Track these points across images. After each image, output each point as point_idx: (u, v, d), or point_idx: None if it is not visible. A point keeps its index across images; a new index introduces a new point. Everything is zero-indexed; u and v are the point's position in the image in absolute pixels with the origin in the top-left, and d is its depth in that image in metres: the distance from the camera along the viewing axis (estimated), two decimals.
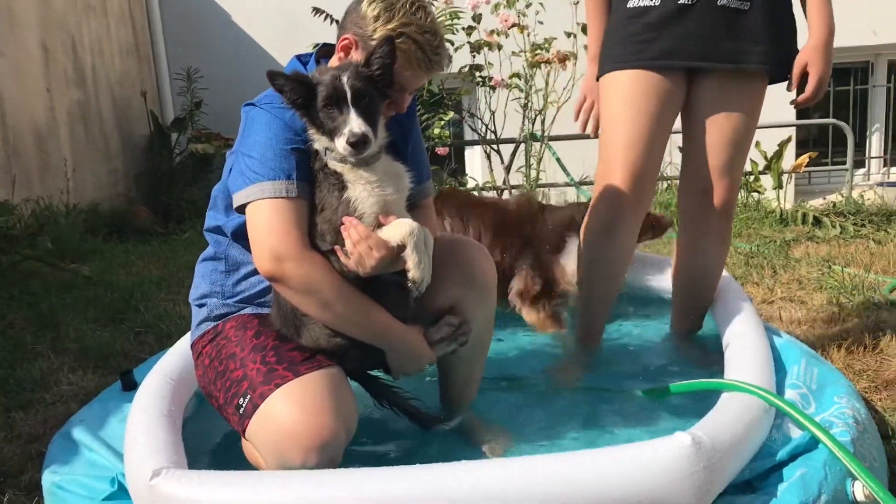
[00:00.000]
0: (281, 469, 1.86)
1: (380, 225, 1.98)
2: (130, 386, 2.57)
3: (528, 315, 3.31)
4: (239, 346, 2.06)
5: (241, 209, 2.02)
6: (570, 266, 3.20)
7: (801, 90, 2.55)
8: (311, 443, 1.83)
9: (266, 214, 1.96)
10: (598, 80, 2.73)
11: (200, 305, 2.23)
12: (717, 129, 2.61)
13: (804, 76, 2.52)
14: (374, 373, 2.26)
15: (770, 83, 2.64)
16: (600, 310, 2.88)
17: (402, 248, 1.95)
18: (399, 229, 1.95)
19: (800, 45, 2.57)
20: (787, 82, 2.59)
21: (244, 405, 1.94)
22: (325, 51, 2.23)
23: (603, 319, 2.91)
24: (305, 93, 1.93)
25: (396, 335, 2.08)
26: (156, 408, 2.13)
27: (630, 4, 2.59)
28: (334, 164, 1.99)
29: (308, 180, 2.01)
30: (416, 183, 2.15)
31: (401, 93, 2.09)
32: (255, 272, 2.15)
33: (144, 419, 2.07)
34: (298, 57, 2.24)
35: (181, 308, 3.98)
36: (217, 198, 2.22)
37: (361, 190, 1.97)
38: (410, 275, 1.96)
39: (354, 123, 1.89)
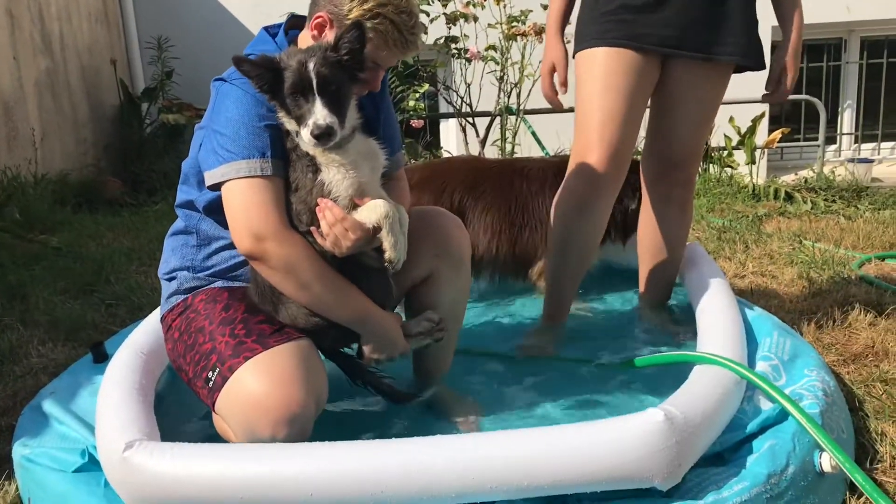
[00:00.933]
0: (251, 442, 1.86)
1: (355, 206, 1.97)
2: (101, 358, 2.55)
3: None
4: (208, 319, 2.05)
5: (215, 187, 1.99)
6: None
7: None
8: (280, 415, 1.82)
9: (243, 194, 1.94)
10: (573, 56, 2.73)
11: (170, 279, 2.21)
12: (684, 108, 2.68)
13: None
14: (347, 350, 2.26)
15: (736, 72, 2.70)
16: (569, 287, 2.89)
17: (377, 229, 1.95)
18: (374, 211, 1.94)
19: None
20: (764, 78, 2.70)
21: (213, 378, 1.93)
22: (293, 22, 2.20)
23: (572, 296, 2.93)
24: (273, 77, 1.89)
25: (373, 320, 2.08)
26: (127, 381, 2.11)
27: None
28: (306, 147, 1.96)
29: (282, 157, 1.99)
30: (388, 155, 2.14)
31: (374, 71, 2.07)
32: (226, 247, 2.15)
33: (116, 392, 2.05)
34: (266, 29, 2.20)
35: (153, 280, 3.94)
36: (188, 173, 2.19)
37: (335, 173, 1.95)
38: (387, 255, 1.97)
39: (319, 114, 1.86)
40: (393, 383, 2.29)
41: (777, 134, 6.73)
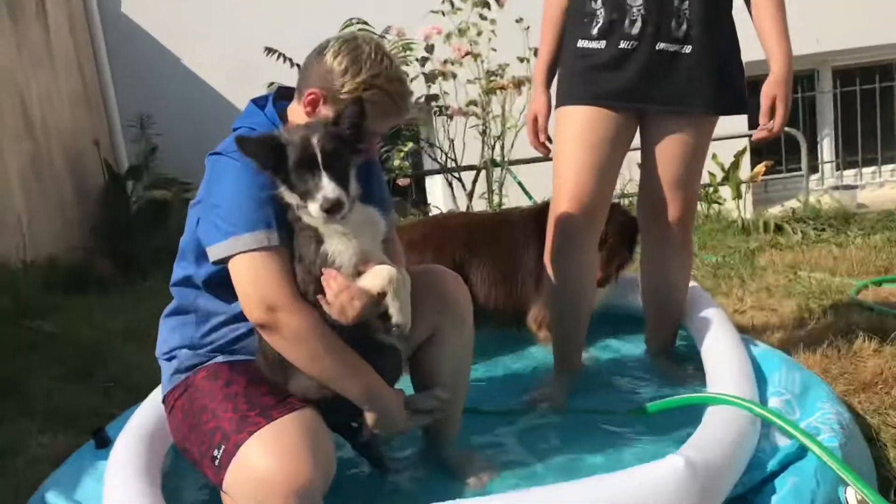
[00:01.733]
0: None
1: (359, 273, 1.96)
2: (104, 443, 2.48)
3: (544, 337, 3.38)
4: (209, 396, 2.01)
5: (220, 261, 1.97)
6: None
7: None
8: (288, 490, 1.77)
9: (251, 267, 1.93)
10: (556, 108, 2.79)
11: (169, 359, 2.18)
12: (666, 155, 2.71)
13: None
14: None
15: (721, 114, 2.71)
16: (573, 333, 2.90)
17: (382, 294, 1.94)
18: (378, 278, 1.94)
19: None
20: (733, 126, 2.69)
21: (219, 457, 1.89)
22: (282, 93, 2.21)
23: (578, 342, 2.92)
24: (276, 156, 1.89)
25: (380, 397, 2.05)
26: (132, 465, 2.06)
27: (579, 45, 2.66)
28: (308, 219, 1.95)
29: (285, 226, 1.98)
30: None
31: (371, 140, 2.09)
32: (226, 322, 2.12)
33: (121, 478, 2.01)
34: (255, 101, 2.20)
35: (150, 359, 3.82)
36: (185, 249, 2.16)
37: (338, 243, 1.95)
38: (394, 320, 1.96)
39: (328, 189, 1.86)
40: (385, 457, 2.26)
41: (761, 167, 6.79)
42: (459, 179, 6.53)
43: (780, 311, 3.77)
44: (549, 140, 2.86)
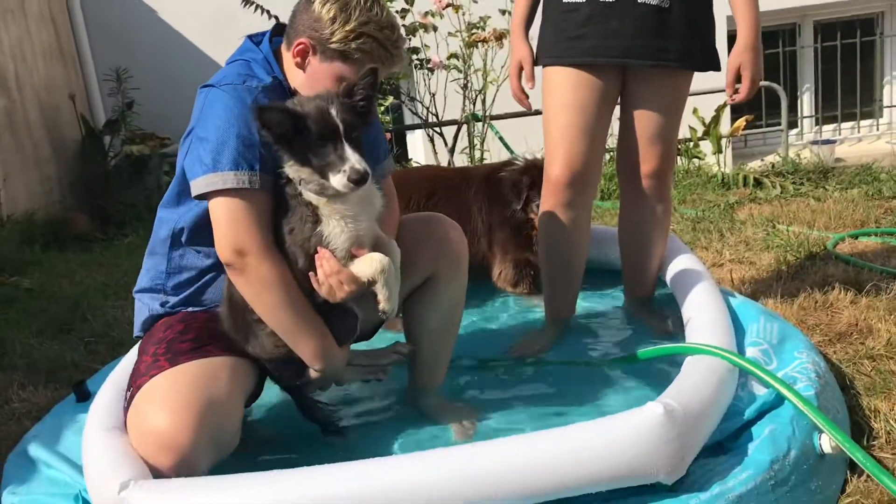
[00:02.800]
0: (147, 461, 1.83)
1: (352, 256, 1.97)
2: (85, 397, 2.50)
3: (513, 293, 3.49)
4: (150, 340, 2.10)
5: (201, 197, 1.98)
6: None
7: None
8: (162, 444, 1.80)
9: (229, 209, 1.93)
10: (538, 65, 2.80)
11: (141, 301, 2.27)
12: (644, 109, 2.73)
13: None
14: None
15: (698, 71, 2.74)
16: (562, 289, 2.94)
17: (372, 282, 1.95)
18: (370, 266, 1.95)
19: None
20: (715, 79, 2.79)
21: (127, 397, 1.96)
22: (277, 29, 2.19)
23: (573, 293, 2.96)
24: (293, 126, 1.86)
25: (330, 357, 2.08)
26: (112, 419, 2.04)
27: (563, 0, 2.65)
28: (309, 196, 1.94)
29: (271, 173, 1.96)
30: (375, 162, 2.13)
31: None
32: (194, 279, 2.19)
33: (101, 431, 1.99)
34: (250, 37, 2.18)
35: (130, 314, 3.84)
36: (171, 190, 2.17)
37: (335, 225, 1.95)
38: (381, 306, 1.98)
39: (354, 160, 1.85)
40: (329, 415, 2.28)
41: (742, 122, 6.79)
42: (441, 134, 6.50)
43: (758, 264, 3.80)
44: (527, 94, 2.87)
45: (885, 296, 3.10)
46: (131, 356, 2.41)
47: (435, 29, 6.02)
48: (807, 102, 8.41)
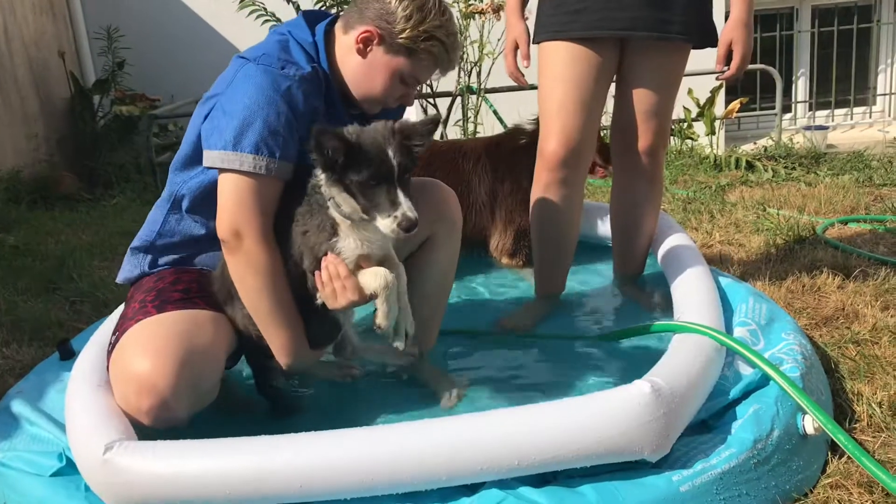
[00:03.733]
0: (126, 410, 1.85)
1: (359, 266, 1.96)
2: (68, 355, 2.49)
3: (508, 264, 3.51)
4: (141, 288, 2.11)
5: (211, 168, 1.99)
6: None
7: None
8: (141, 387, 1.82)
9: (239, 187, 1.94)
10: (535, 43, 2.77)
11: (133, 256, 2.26)
12: (641, 84, 2.72)
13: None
14: None
15: (695, 48, 2.73)
16: (554, 265, 2.93)
17: (373, 295, 1.95)
18: (375, 280, 1.94)
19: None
20: (710, 61, 2.69)
21: (112, 341, 1.97)
22: (318, 16, 2.20)
23: (564, 267, 2.96)
24: (347, 156, 1.83)
25: (295, 356, 2.09)
26: (96, 378, 2.03)
27: None
28: (335, 215, 1.93)
29: (291, 161, 1.97)
30: None
31: (413, 86, 2.15)
32: (187, 245, 2.20)
33: (86, 390, 1.98)
34: (306, 14, 2.17)
35: (116, 275, 3.84)
36: (181, 152, 2.15)
37: (351, 243, 1.95)
38: (378, 321, 1.97)
39: (406, 207, 1.83)
40: (282, 396, 2.28)
41: (736, 104, 6.78)
42: (435, 106, 6.45)
43: (748, 246, 3.81)
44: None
45: (871, 281, 3.12)
46: (116, 316, 2.40)
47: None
48: (801, 87, 8.40)
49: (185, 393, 1.85)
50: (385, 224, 1.85)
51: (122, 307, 2.27)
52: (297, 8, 5.24)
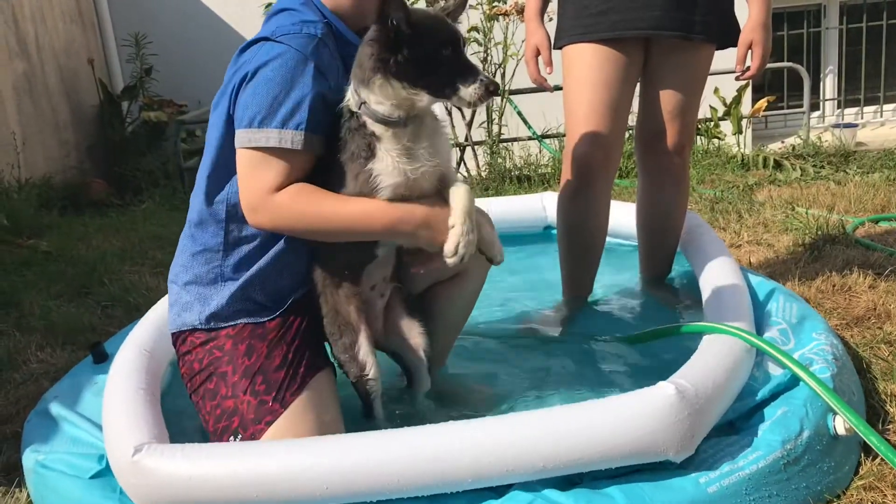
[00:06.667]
0: None
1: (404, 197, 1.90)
2: (102, 358, 2.52)
3: None
4: (231, 364, 1.97)
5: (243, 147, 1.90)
6: None
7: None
8: None
9: (257, 164, 1.86)
10: (557, 48, 2.78)
11: (188, 290, 2.06)
12: (667, 84, 2.72)
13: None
14: None
15: (719, 48, 2.73)
16: (583, 269, 2.93)
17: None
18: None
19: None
20: (734, 60, 2.67)
21: (231, 439, 1.92)
22: None
23: (587, 276, 2.95)
24: (410, 25, 1.76)
25: (410, 213, 1.92)
26: (132, 381, 2.08)
27: None
28: (374, 126, 1.87)
29: (318, 132, 1.89)
30: None
31: None
32: (259, 250, 2.03)
33: (121, 393, 2.02)
34: None
35: (147, 279, 3.90)
36: (216, 159, 2.01)
37: (389, 162, 1.87)
38: (447, 247, 1.88)
39: (481, 72, 1.78)
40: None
41: (763, 102, 6.72)
42: (458, 108, 6.46)
43: (777, 246, 3.78)
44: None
45: None
46: (152, 320, 2.43)
47: None
48: (829, 85, 8.29)
49: None
50: (471, 91, 1.76)
51: (157, 315, 2.24)
52: None
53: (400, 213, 1.90)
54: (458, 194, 1.91)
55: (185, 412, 2.23)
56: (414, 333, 2.18)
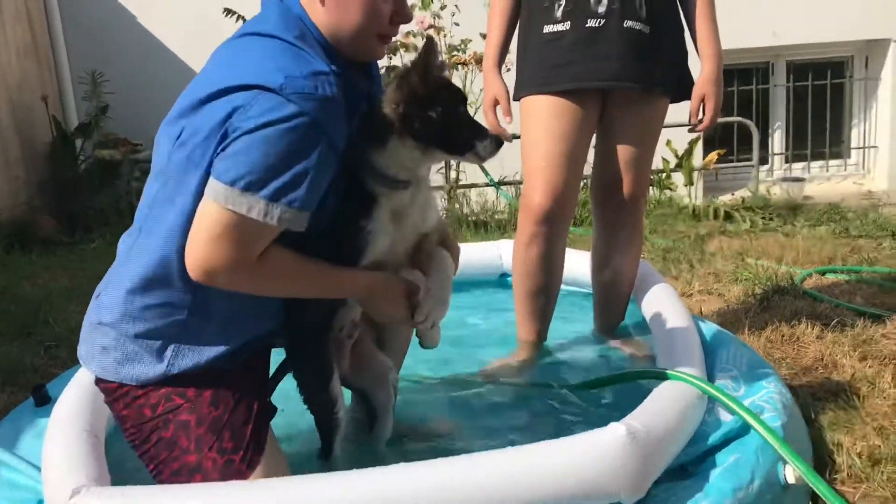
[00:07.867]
0: None
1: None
2: (44, 401, 2.44)
3: None
4: (195, 414, 1.77)
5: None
6: None
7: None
8: None
9: (227, 231, 1.63)
10: (516, 99, 2.83)
11: (137, 343, 1.82)
12: (623, 136, 2.77)
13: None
14: None
15: (672, 101, 2.82)
16: (537, 317, 2.93)
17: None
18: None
19: None
20: (687, 113, 2.76)
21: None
22: None
23: (541, 324, 2.95)
24: (426, 84, 1.76)
25: (376, 284, 1.89)
26: (76, 421, 2.00)
27: (545, 30, 2.68)
28: (373, 187, 1.84)
29: (309, 210, 1.69)
30: None
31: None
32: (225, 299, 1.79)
33: (63, 434, 1.95)
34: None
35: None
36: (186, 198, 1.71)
37: (384, 224, 1.85)
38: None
39: (483, 127, 1.84)
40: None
41: (714, 155, 6.88)
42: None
43: (727, 296, 3.84)
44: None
45: (850, 332, 3.14)
46: None
47: (416, 49, 6.05)
48: (777, 140, 8.52)
49: None
50: (484, 147, 1.79)
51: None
52: None
53: (354, 273, 1.87)
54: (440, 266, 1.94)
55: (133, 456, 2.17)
56: (384, 369, 2.16)
